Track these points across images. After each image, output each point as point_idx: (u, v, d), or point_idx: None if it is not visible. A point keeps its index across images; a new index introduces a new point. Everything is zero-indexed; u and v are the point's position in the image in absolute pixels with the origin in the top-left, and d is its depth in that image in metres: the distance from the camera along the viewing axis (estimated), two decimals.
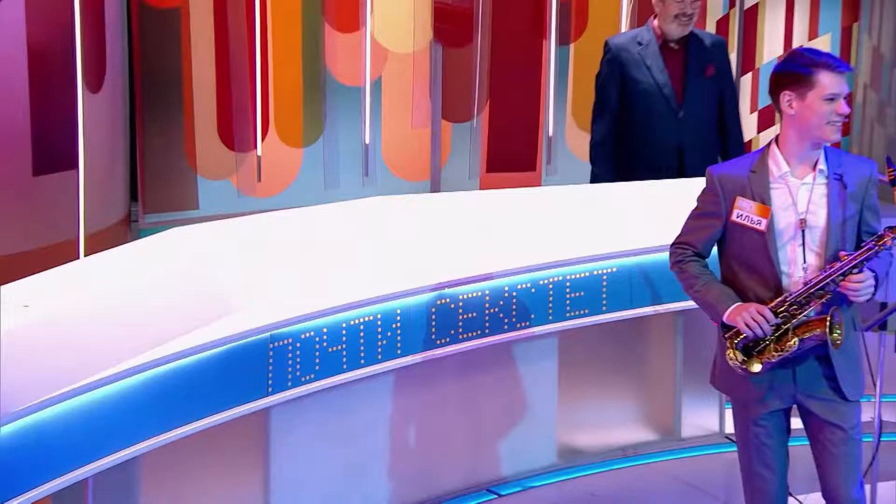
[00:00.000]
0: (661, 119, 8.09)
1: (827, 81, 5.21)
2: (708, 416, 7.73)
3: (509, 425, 7.19)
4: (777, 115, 5.65)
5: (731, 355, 5.32)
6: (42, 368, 5.28)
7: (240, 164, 10.22)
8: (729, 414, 7.17)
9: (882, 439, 6.39)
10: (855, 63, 12.46)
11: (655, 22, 8.06)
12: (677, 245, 5.58)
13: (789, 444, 5.54)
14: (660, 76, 8.06)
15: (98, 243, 9.09)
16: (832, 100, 5.20)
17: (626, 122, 8.18)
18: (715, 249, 5.61)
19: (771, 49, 12.48)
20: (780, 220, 5.30)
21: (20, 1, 8.56)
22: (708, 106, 8.19)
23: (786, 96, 5.31)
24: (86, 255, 9.25)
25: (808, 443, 5.53)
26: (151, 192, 10.02)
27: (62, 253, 8.84)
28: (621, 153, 8.21)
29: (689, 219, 5.59)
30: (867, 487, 5.78)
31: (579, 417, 7.49)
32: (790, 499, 5.64)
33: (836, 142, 5.66)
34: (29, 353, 5.30)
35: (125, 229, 9.73)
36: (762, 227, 5.30)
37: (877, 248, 5.18)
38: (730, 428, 7.25)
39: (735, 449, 6.29)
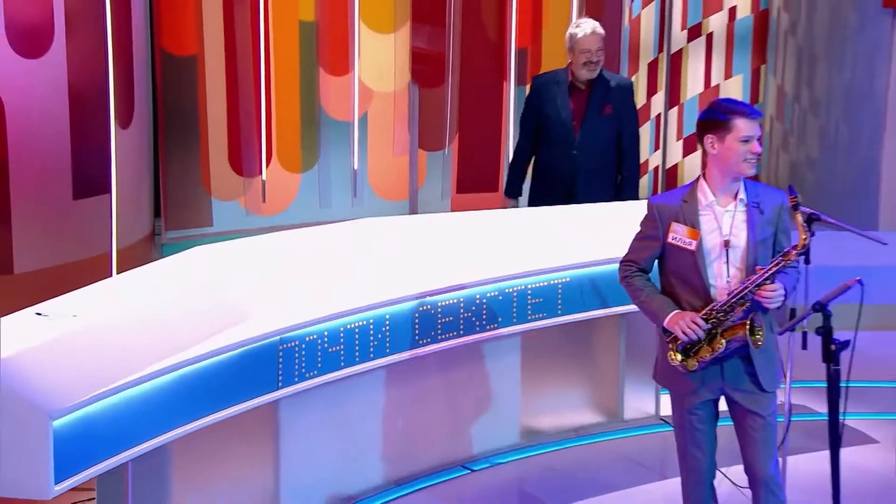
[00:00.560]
0: (560, 149, 8.03)
1: (742, 126, 5.31)
2: (646, 402, 7.69)
3: (480, 411, 7.19)
4: (701, 149, 5.62)
5: (672, 356, 5.37)
6: (89, 369, 5.26)
7: (247, 188, 10.24)
8: (663, 399, 7.47)
9: (792, 419, 6.44)
10: (762, 99, 12.59)
11: (569, 66, 8.06)
12: (625, 262, 5.65)
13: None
14: (564, 112, 8.00)
15: (127, 256, 9.15)
16: (747, 141, 5.30)
17: (538, 147, 8.18)
18: (656, 265, 5.63)
19: (693, 87, 12.58)
20: (708, 241, 5.38)
21: (62, 51, 8.55)
22: (603, 140, 8.12)
23: (708, 139, 5.39)
24: (117, 267, 9.32)
25: (732, 425, 5.56)
26: (172, 212, 10.05)
27: (98, 265, 8.89)
28: (534, 170, 8.23)
29: (633, 240, 5.64)
30: (780, 461, 5.83)
31: (539, 404, 7.45)
32: (717, 473, 5.66)
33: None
34: (78, 356, 5.29)
35: (150, 244, 9.74)
36: (693, 247, 5.37)
37: (784, 262, 5.25)
38: (664, 411, 7.53)
39: (669, 429, 6.56)
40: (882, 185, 11.07)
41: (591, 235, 7.26)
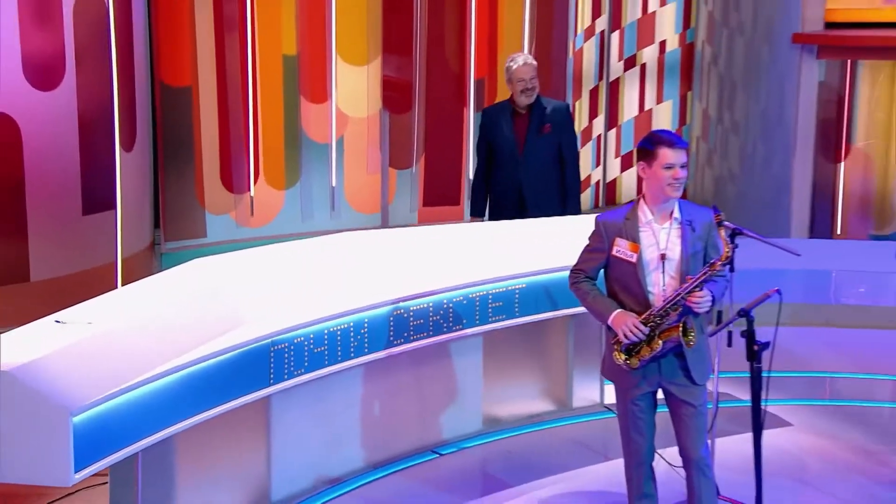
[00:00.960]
0: (508, 167, 8.06)
1: (666, 154, 5.36)
2: (592, 392, 7.68)
3: (447, 402, 7.20)
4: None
5: (617, 356, 5.43)
6: (103, 370, 5.25)
7: (237, 203, 10.20)
8: (607, 389, 7.50)
9: (719, 406, 6.44)
10: (690, 121, 12.63)
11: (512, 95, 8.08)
12: (574, 271, 5.68)
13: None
14: (509, 134, 8.02)
15: (131, 265, 9.17)
16: (670, 168, 5.35)
17: (492, 166, 8.17)
18: (602, 273, 5.65)
19: (629, 111, 12.67)
20: (647, 254, 5.44)
21: (73, 83, 8.57)
22: (544, 157, 8.12)
23: (640, 165, 5.50)
24: (122, 275, 9.36)
25: (668, 413, 5.62)
26: (170, 225, 10.02)
27: (104, 274, 8.92)
28: (490, 188, 8.20)
29: (582, 252, 5.67)
30: (709, 444, 5.86)
31: (498, 394, 7.45)
32: (655, 455, 5.71)
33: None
34: (93, 359, 5.27)
35: (150, 254, 9.72)
36: (634, 259, 5.45)
37: (711, 272, 5.31)
38: (608, 400, 7.50)
39: (612, 416, 6.71)
40: (793, 198, 11.08)
41: (544, 247, 7.20)
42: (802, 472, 6.89)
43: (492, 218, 8.22)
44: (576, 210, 8.22)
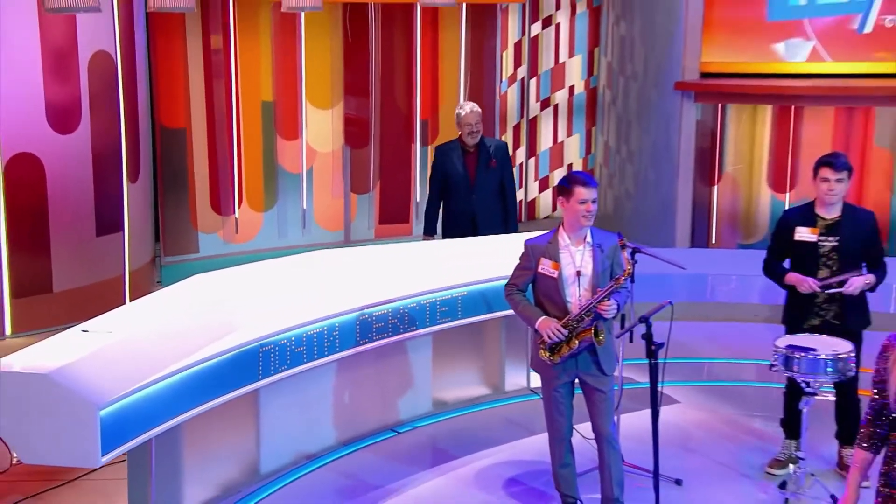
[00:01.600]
0: (461, 195, 8.01)
1: (580, 192, 5.47)
2: (520, 378, 7.67)
3: (404, 389, 7.21)
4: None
5: (543, 353, 5.56)
6: (122, 371, 5.29)
7: (224, 223, 10.15)
8: (533, 376, 7.45)
9: (624, 388, 6.48)
10: (594, 151, 12.62)
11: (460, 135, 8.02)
12: (508, 285, 5.77)
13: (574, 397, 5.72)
14: (461, 169, 7.99)
15: (136, 277, 9.28)
16: (584, 202, 5.45)
17: (445, 195, 8.10)
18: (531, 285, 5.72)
19: (545, 143, 12.66)
20: (566, 271, 5.55)
21: (87, 128, 8.63)
22: (491, 187, 8.09)
23: (560, 199, 5.59)
24: (129, 285, 9.57)
25: (583, 397, 5.66)
26: (168, 242, 9.97)
27: (115, 284, 9.08)
28: (444, 212, 8.14)
29: (514, 269, 5.75)
30: (616, 421, 5.91)
31: (445, 382, 7.46)
32: (574, 431, 5.78)
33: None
34: (114, 361, 5.27)
35: (152, 267, 9.73)
36: (555, 275, 5.57)
37: (616, 285, 5.43)
38: (534, 384, 7.49)
39: (537, 398, 6.69)
40: (677, 214, 11.11)
41: (480, 261, 7.21)
42: (688, 441, 6.94)
43: (446, 236, 8.23)
44: (515, 228, 8.18)
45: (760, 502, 6.19)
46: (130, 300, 9.08)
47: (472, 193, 8.03)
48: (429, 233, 8.22)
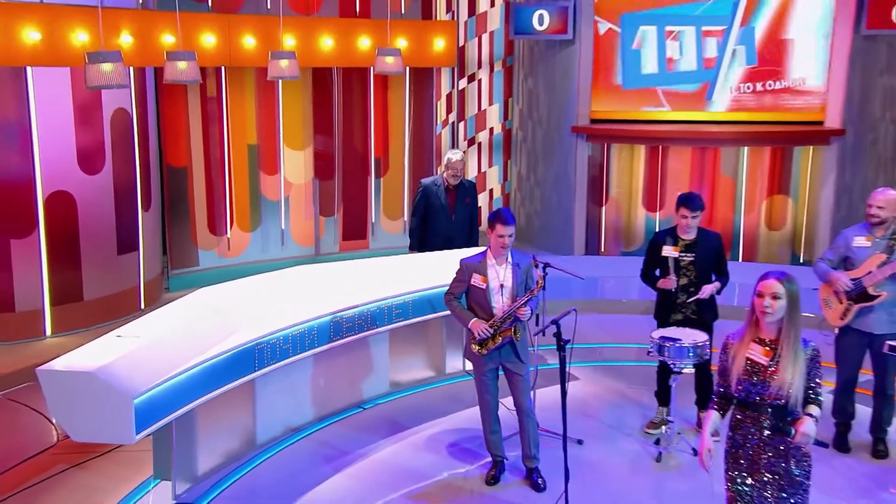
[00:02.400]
0: (442, 223, 7.88)
1: (500, 228, 5.60)
2: (457, 363, 7.65)
3: (367, 374, 7.20)
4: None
5: (474, 347, 5.74)
6: (149, 368, 5.29)
7: (219, 242, 10.04)
8: (468, 362, 7.03)
9: (539, 368, 6.60)
10: (509, 178, 12.46)
11: (444, 175, 7.88)
12: (447, 294, 5.88)
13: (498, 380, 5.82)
14: (444, 201, 7.86)
15: (149, 286, 9.21)
16: (501, 237, 5.59)
17: (428, 222, 7.92)
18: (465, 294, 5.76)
19: (471, 173, 12.35)
20: (492, 284, 5.69)
21: (109, 169, 8.51)
22: (465, 218, 7.98)
23: (487, 230, 5.73)
24: (144, 294, 9.09)
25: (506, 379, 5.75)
26: (175, 257, 9.83)
27: (132, 294, 8.97)
28: (424, 235, 7.96)
29: (452, 281, 5.86)
30: (532, 396, 6.00)
31: (399, 367, 7.44)
32: (500, 405, 5.90)
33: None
34: (143, 360, 5.31)
35: (161, 278, 9.64)
36: (484, 287, 5.71)
37: (531, 295, 5.60)
38: (468, 368, 7.36)
39: (470, 378, 6.40)
40: (574, 229, 11.11)
41: (425, 274, 7.20)
42: (586, 409, 7.02)
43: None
44: (476, 245, 7.93)
45: (641, 456, 6.28)
46: (145, 305, 9.05)
47: (451, 222, 7.92)
48: (414, 249, 8.08)
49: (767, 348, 4.15)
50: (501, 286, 5.68)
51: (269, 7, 9.67)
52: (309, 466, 6.12)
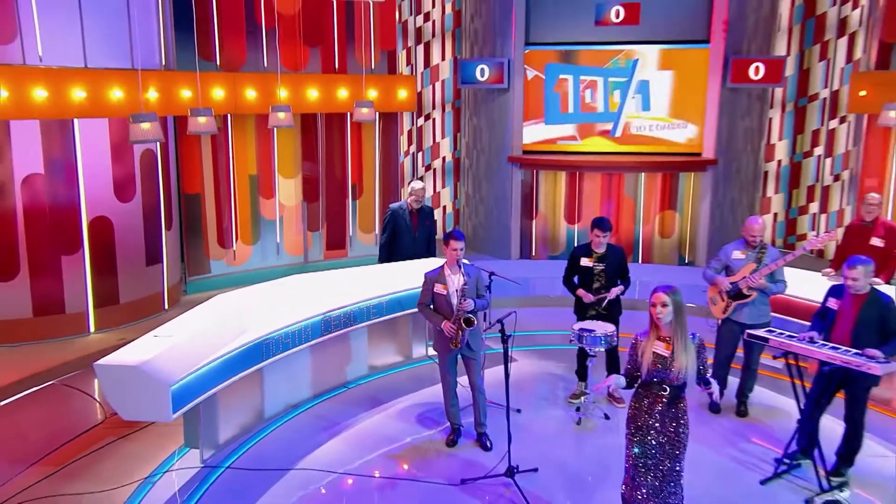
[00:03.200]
0: (407, 241, 7.72)
1: (453, 244, 5.61)
2: (421, 350, 7.64)
3: (350, 361, 7.14)
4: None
5: (452, 344, 5.64)
6: (182, 361, 5.26)
7: (226, 253, 9.91)
8: (429, 348, 7.57)
9: (486, 353, 6.12)
10: (459, 197, 12.35)
11: (408, 200, 7.69)
12: (419, 303, 5.80)
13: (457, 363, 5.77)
14: (409, 223, 7.68)
15: (171, 291, 9.09)
16: (455, 251, 5.59)
17: (395, 239, 7.71)
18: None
19: (428, 193, 12.29)
20: (451, 289, 5.66)
21: (139, 197, 8.43)
22: (425, 237, 7.78)
23: (444, 246, 5.68)
24: (167, 297, 8.94)
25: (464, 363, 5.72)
26: (191, 267, 9.73)
27: (157, 296, 8.85)
28: (392, 251, 7.75)
29: (421, 293, 5.81)
30: (483, 376, 5.86)
31: (375, 354, 7.37)
32: (459, 386, 5.89)
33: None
34: (176, 355, 5.27)
35: (180, 284, 9.51)
36: (444, 293, 5.68)
37: (477, 297, 5.63)
38: (430, 353, 7.54)
39: (432, 362, 7.07)
40: (511, 238, 11.12)
41: (396, 280, 7.13)
42: (523, 384, 6.98)
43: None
44: (434, 255, 7.87)
45: (565, 420, 6.30)
46: (168, 306, 8.94)
47: (415, 239, 7.75)
48: (383, 261, 7.86)
49: (667, 343, 4.26)
50: (458, 292, 5.66)
51: (265, 65, 9.62)
52: (307, 435, 6.07)
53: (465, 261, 5.90)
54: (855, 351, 5.10)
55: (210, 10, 9.24)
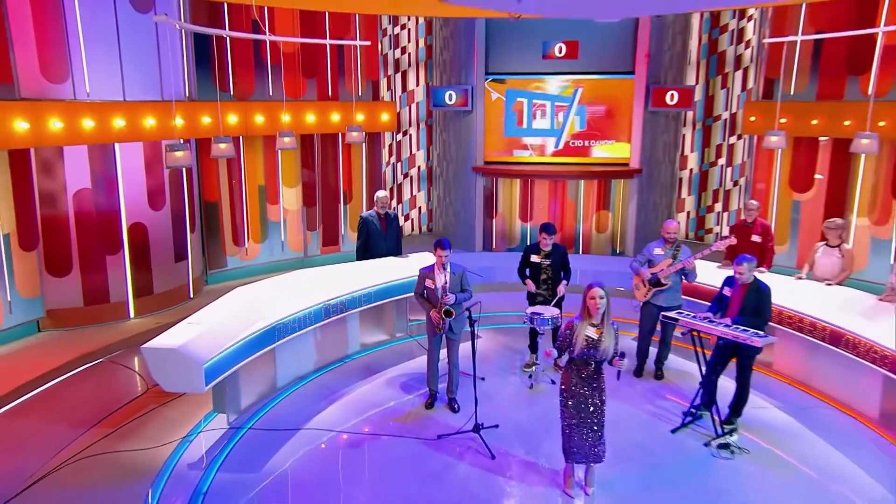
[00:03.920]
0: (379, 242, 7.57)
1: (438, 252, 5.62)
2: (403, 330, 7.62)
3: (347, 339, 7.15)
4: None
5: (438, 329, 5.73)
6: (211, 344, 5.38)
7: (239, 250, 9.83)
8: (411, 328, 7.57)
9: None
10: (432, 199, 12.14)
11: (375, 208, 7.51)
12: (415, 293, 5.82)
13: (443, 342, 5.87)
14: (379, 227, 7.52)
15: (195, 282, 9.01)
16: (440, 256, 5.61)
17: (368, 242, 7.55)
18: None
19: (405, 196, 12.14)
20: (438, 284, 5.70)
21: (168, 204, 8.39)
22: (394, 237, 7.65)
23: (433, 251, 5.64)
24: (192, 287, 8.78)
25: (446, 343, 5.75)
26: (211, 261, 9.65)
27: (183, 287, 8.79)
28: (366, 252, 7.57)
29: (416, 284, 5.82)
30: (459, 354, 5.89)
31: (366, 334, 7.39)
32: (443, 361, 6.05)
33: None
34: (206, 339, 5.39)
35: (203, 277, 9.39)
36: (433, 287, 5.71)
37: (465, 292, 5.69)
38: (411, 333, 7.56)
39: (411, 339, 7.14)
40: (475, 234, 11.07)
41: (383, 273, 7.16)
42: (487, 357, 6.99)
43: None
44: (401, 254, 7.75)
45: (520, 385, 6.37)
46: (192, 295, 8.86)
47: (384, 240, 7.62)
48: (359, 259, 7.66)
49: (597, 328, 4.45)
50: (444, 287, 5.72)
51: (271, 94, 9.61)
52: (311, 401, 6.10)
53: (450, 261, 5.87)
54: (743, 327, 5.41)
55: (225, 49, 9.26)
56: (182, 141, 6.53)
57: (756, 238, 6.99)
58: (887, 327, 5.50)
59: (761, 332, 5.33)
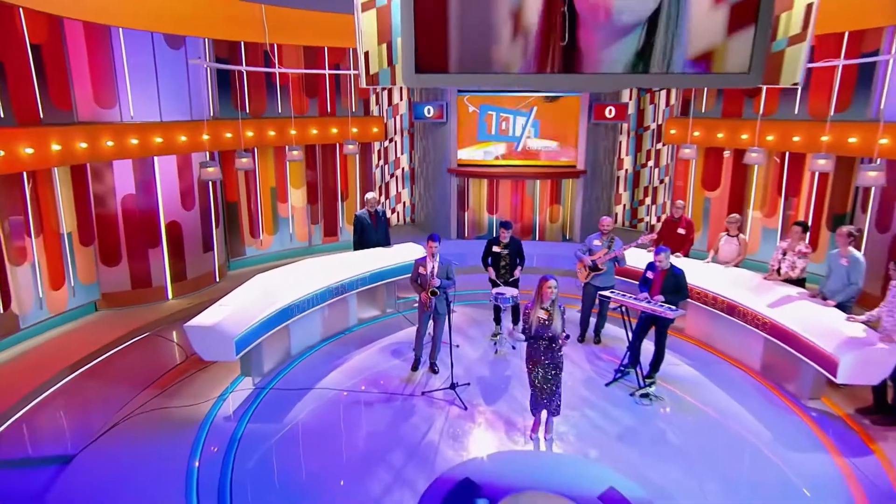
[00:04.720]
0: (371, 236, 7.52)
1: (429, 244, 5.58)
2: (392, 307, 7.55)
3: (347, 315, 7.15)
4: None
5: (426, 307, 5.76)
6: (238, 321, 5.54)
7: (255, 241, 9.83)
8: (399, 304, 7.52)
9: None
10: (414, 196, 11.85)
11: (367, 207, 7.48)
12: (411, 278, 5.81)
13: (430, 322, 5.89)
14: (370, 223, 7.45)
15: (220, 269, 8.91)
16: (431, 247, 5.60)
17: (362, 235, 7.51)
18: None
19: (392, 193, 12.05)
20: (428, 271, 5.71)
21: (197, 205, 8.41)
22: (383, 231, 7.59)
23: (425, 242, 5.67)
24: (217, 273, 8.70)
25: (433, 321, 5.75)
26: (232, 251, 9.58)
27: (210, 273, 8.70)
28: (361, 245, 7.52)
29: (412, 271, 5.81)
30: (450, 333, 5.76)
31: (362, 310, 7.36)
32: (428, 338, 6.04)
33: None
34: (235, 318, 5.54)
35: (226, 264, 9.25)
36: (425, 273, 5.72)
37: (449, 280, 5.64)
38: (399, 309, 7.49)
39: (399, 314, 7.15)
40: (451, 224, 10.87)
41: (377, 260, 7.17)
42: (461, 329, 7.02)
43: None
44: (388, 245, 7.64)
45: (487, 350, 6.47)
46: (218, 279, 8.80)
47: (376, 233, 7.55)
48: (356, 250, 7.51)
49: (547, 311, 4.62)
50: (433, 272, 5.75)
51: (280, 111, 9.64)
52: (319, 366, 6.16)
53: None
54: (660, 302, 5.79)
55: (241, 76, 9.28)
56: (211, 158, 6.64)
57: (681, 231, 7.30)
58: (767, 300, 5.88)
59: (674, 307, 5.64)
